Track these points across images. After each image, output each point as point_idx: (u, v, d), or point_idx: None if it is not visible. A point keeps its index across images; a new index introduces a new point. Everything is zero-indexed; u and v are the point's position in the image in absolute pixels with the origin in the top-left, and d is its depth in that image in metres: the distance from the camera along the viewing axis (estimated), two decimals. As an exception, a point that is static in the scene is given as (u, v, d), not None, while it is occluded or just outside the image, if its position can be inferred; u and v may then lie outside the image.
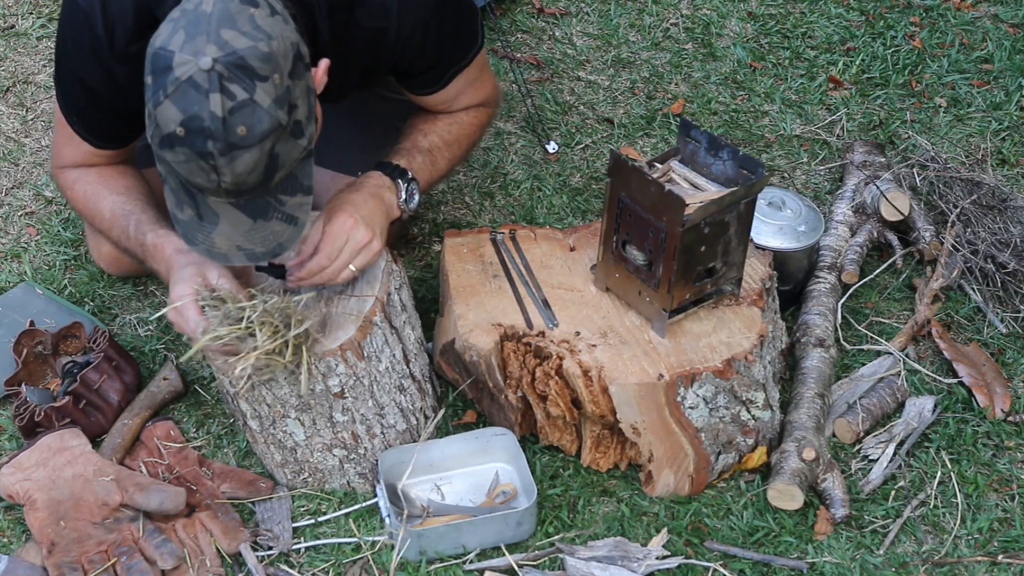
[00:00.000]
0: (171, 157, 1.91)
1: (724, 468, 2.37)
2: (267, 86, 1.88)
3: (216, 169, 1.89)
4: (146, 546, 2.15)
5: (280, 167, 1.95)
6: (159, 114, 1.88)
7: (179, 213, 2.02)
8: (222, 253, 2.02)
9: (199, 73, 1.85)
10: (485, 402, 2.45)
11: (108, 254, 2.64)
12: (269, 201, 1.99)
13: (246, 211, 1.98)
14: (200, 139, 1.86)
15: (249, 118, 1.87)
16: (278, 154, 1.93)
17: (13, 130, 3.13)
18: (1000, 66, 3.48)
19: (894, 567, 2.26)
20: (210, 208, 1.98)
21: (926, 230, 2.80)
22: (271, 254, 2.04)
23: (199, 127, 1.86)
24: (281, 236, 2.03)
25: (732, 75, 3.42)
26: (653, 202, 2.17)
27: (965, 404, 2.54)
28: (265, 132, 1.89)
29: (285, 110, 1.91)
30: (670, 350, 2.25)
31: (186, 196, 1.99)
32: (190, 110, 1.85)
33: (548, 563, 2.22)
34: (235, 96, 1.86)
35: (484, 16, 3.51)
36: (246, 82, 1.87)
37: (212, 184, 1.92)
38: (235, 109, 1.86)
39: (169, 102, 1.86)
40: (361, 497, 2.33)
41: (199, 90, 1.85)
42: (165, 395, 2.46)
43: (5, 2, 3.51)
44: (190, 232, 2.02)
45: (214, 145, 1.86)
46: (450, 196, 3.01)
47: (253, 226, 2.00)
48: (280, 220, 2.01)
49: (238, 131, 1.86)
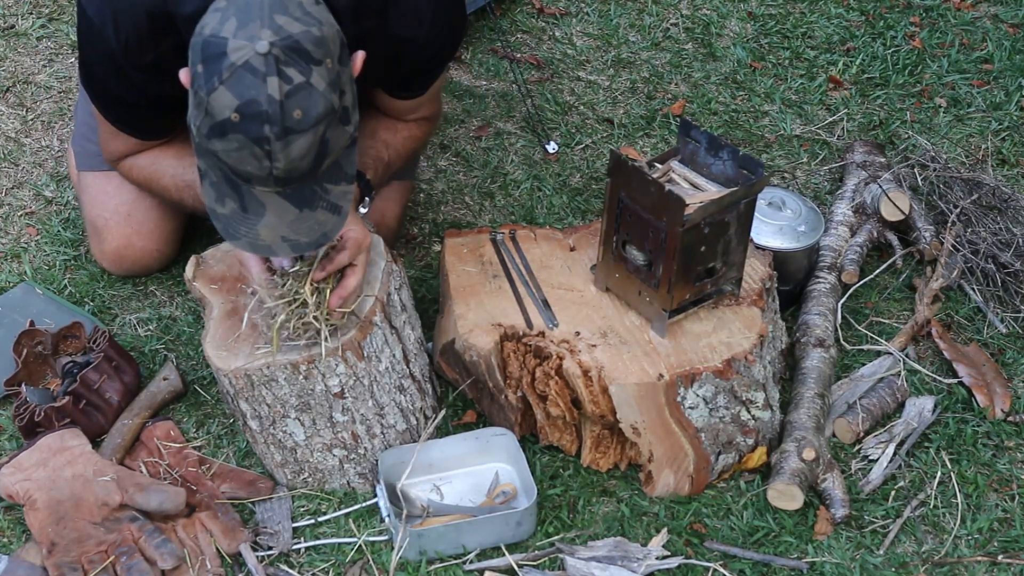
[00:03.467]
0: (221, 146, 1.89)
1: (724, 468, 2.37)
2: (321, 70, 1.88)
3: (270, 155, 1.87)
4: (146, 546, 2.15)
5: (329, 153, 1.94)
6: (212, 101, 1.86)
7: (219, 208, 2.00)
8: (266, 245, 2.01)
9: (256, 57, 1.84)
10: (485, 402, 2.45)
11: (110, 253, 2.64)
12: (315, 190, 1.98)
13: (292, 201, 1.97)
14: (256, 124, 1.85)
15: (305, 101, 1.86)
16: (328, 140, 1.92)
17: (13, 130, 3.13)
18: (1000, 66, 3.48)
19: (894, 567, 2.26)
20: (256, 199, 1.96)
21: (926, 230, 2.80)
22: (315, 244, 2.02)
23: (256, 111, 1.84)
24: (325, 225, 2.01)
25: (732, 75, 3.43)
26: (653, 202, 2.17)
27: (965, 404, 2.54)
28: (320, 116, 1.88)
29: (337, 94, 1.91)
30: (670, 350, 2.25)
31: (230, 189, 1.97)
32: (247, 95, 1.84)
33: (548, 563, 2.22)
34: (292, 80, 1.85)
35: (484, 16, 3.51)
36: (302, 65, 1.86)
37: (263, 172, 1.90)
38: (292, 92, 1.85)
39: (224, 88, 1.85)
40: (361, 497, 2.33)
41: (256, 74, 1.84)
42: (165, 395, 2.46)
43: (5, 2, 3.51)
44: (231, 226, 2.00)
45: (270, 129, 1.85)
46: (450, 196, 3.01)
47: (299, 216, 1.98)
48: (325, 209, 2.00)
49: (294, 115, 1.86)
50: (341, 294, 2.15)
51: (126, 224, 2.61)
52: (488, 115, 3.26)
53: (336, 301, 2.15)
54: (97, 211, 2.63)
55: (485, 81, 3.37)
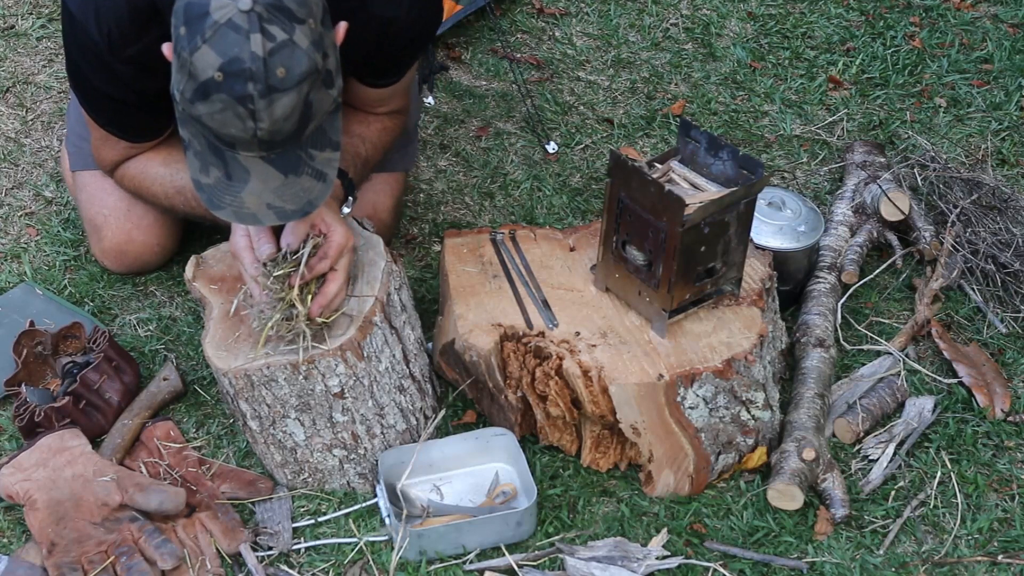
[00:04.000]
0: (205, 109, 1.89)
1: (724, 468, 2.37)
2: (304, 28, 1.88)
3: (254, 115, 1.87)
4: (146, 546, 2.15)
5: (313, 116, 1.94)
6: (196, 61, 1.86)
7: (203, 177, 2.00)
8: (251, 213, 2.00)
9: (239, 15, 1.84)
10: (485, 402, 2.45)
11: (110, 250, 2.65)
12: (300, 155, 1.98)
13: (277, 166, 1.97)
14: (240, 82, 1.85)
15: (288, 59, 1.86)
16: (312, 102, 1.92)
17: (13, 130, 3.13)
18: (1000, 66, 3.48)
19: (894, 567, 2.26)
20: (240, 164, 1.96)
21: (926, 230, 2.80)
22: (301, 212, 2.02)
23: (239, 69, 1.84)
24: (311, 192, 2.01)
25: (732, 75, 3.43)
26: (653, 202, 2.17)
27: (965, 404, 2.54)
28: (303, 74, 1.88)
29: (320, 55, 1.91)
30: (670, 350, 2.25)
31: (214, 156, 1.97)
32: (230, 52, 1.84)
33: (548, 563, 2.22)
34: (275, 37, 1.85)
35: (484, 16, 3.51)
36: (285, 23, 1.86)
37: (247, 133, 1.90)
38: (275, 50, 1.85)
39: (207, 47, 1.85)
40: (361, 497, 2.33)
41: (239, 31, 1.84)
42: (165, 395, 2.46)
43: (5, 2, 3.52)
44: (216, 195, 2.00)
45: (254, 87, 1.85)
46: (450, 196, 3.01)
47: (284, 182, 1.98)
48: (310, 176, 2.00)
49: (278, 72, 1.86)
50: (321, 302, 2.16)
51: (125, 220, 2.61)
52: (488, 115, 3.26)
53: (316, 309, 2.15)
54: (96, 209, 2.63)
55: (485, 81, 3.37)
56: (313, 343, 2.16)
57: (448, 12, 3.31)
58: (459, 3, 3.37)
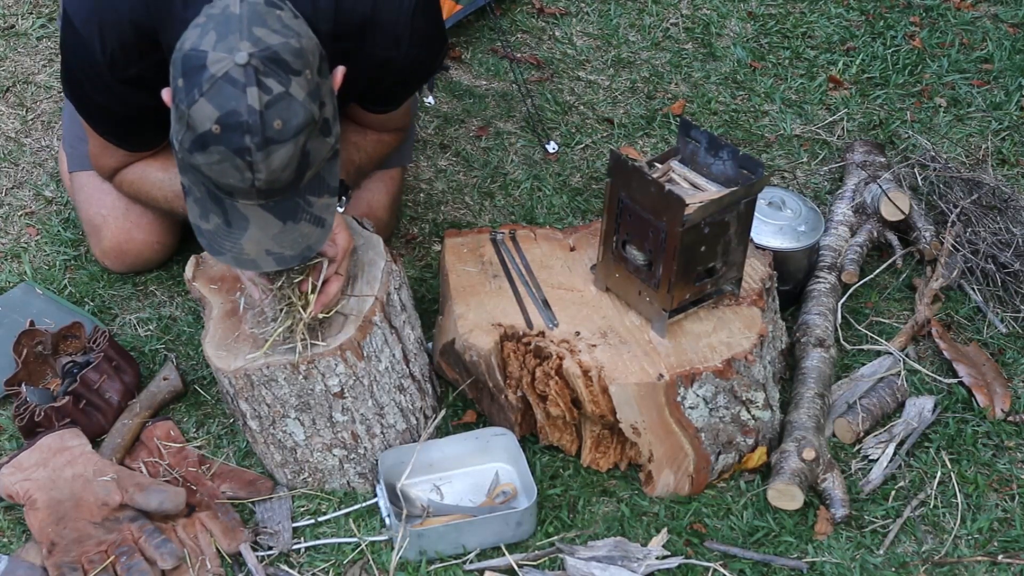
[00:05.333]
0: (203, 160, 1.90)
1: (724, 468, 2.37)
2: (300, 80, 1.89)
3: (252, 166, 1.88)
4: (146, 546, 2.15)
5: (311, 165, 1.95)
6: (193, 114, 1.87)
7: (203, 224, 2.01)
8: (251, 259, 2.02)
9: (235, 68, 1.85)
10: (485, 402, 2.45)
11: (110, 249, 2.65)
12: (298, 202, 1.99)
13: (276, 213, 1.98)
14: (237, 135, 1.86)
15: (285, 112, 1.87)
16: (309, 151, 1.93)
17: (13, 130, 3.13)
18: (1000, 66, 3.48)
19: (894, 567, 2.26)
20: (239, 212, 1.98)
21: (926, 230, 2.80)
22: (300, 257, 2.04)
23: (236, 122, 1.85)
24: (310, 238, 2.03)
25: (732, 75, 3.43)
26: (653, 202, 2.17)
27: (965, 404, 2.54)
28: (300, 126, 1.89)
29: (317, 105, 1.92)
30: (670, 350, 2.25)
31: (213, 204, 1.98)
32: (227, 106, 1.85)
33: (548, 563, 2.22)
34: (271, 90, 1.86)
35: (484, 16, 3.51)
36: (281, 76, 1.87)
37: (246, 184, 1.91)
38: (272, 103, 1.86)
39: (204, 100, 1.86)
40: (361, 497, 2.33)
41: (236, 85, 1.85)
42: (165, 395, 2.47)
43: (5, 2, 3.51)
44: (216, 242, 2.02)
45: (251, 140, 1.86)
46: (450, 196, 3.01)
47: (283, 228, 2.00)
48: (308, 222, 2.02)
49: (275, 125, 1.87)
50: (323, 301, 2.18)
51: (124, 219, 2.62)
52: (488, 115, 3.26)
53: (319, 309, 2.17)
54: (95, 209, 2.63)
55: (485, 81, 3.37)
56: (312, 342, 2.16)
57: (448, 12, 3.31)
58: (459, 3, 3.37)
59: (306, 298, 2.16)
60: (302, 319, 2.15)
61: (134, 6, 2.14)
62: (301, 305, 2.16)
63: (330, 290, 2.18)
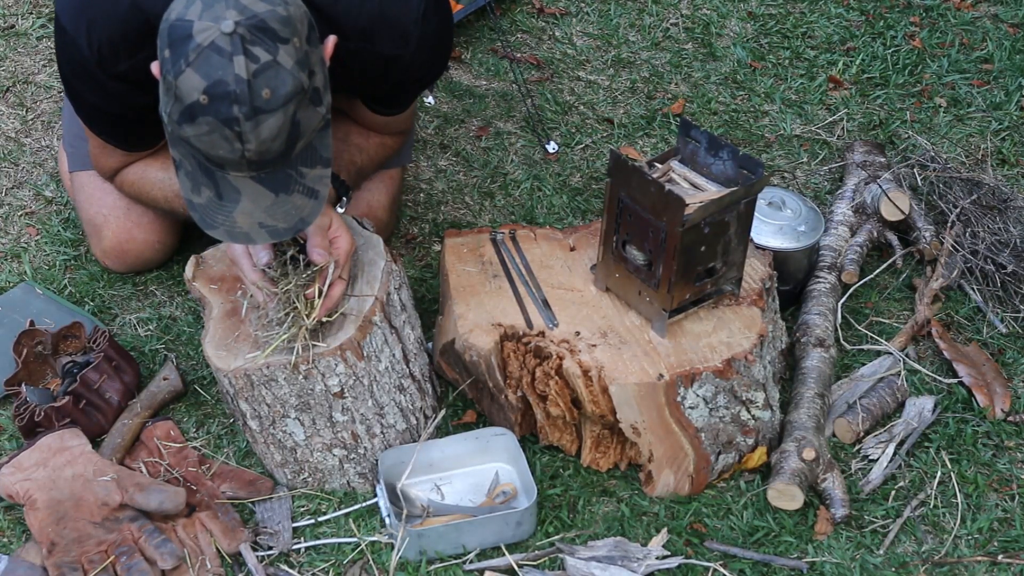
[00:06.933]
0: (192, 131, 1.88)
1: (724, 468, 2.37)
2: (288, 48, 1.88)
3: (241, 136, 1.87)
4: (146, 546, 2.15)
5: (302, 135, 1.94)
6: (180, 84, 1.86)
7: (195, 197, 2.00)
8: (243, 232, 2.00)
9: (221, 37, 1.84)
10: (485, 402, 2.45)
11: (111, 249, 2.65)
12: (290, 174, 1.98)
13: (268, 185, 1.97)
14: (225, 104, 1.85)
15: (273, 80, 1.86)
16: (300, 121, 1.92)
17: (13, 130, 3.13)
18: (1000, 66, 3.48)
19: (894, 567, 2.26)
20: (231, 184, 1.96)
21: (926, 230, 2.80)
22: (293, 230, 2.02)
23: (224, 92, 1.84)
24: (303, 210, 2.01)
25: (732, 75, 3.43)
26: (653, 202, 2.17)
27: (965, 404, 2.54)
28: (288, 95, 1.88)
29: (306, 73, 1.91)
30: (670, 350, 2.25)
31: (204, 176, 1.97)
32: (214, 75, 1.84)
33: (548, 563, 2.22)
34: (258, 58, 1.85)
35: (484, 16, 3.51)
36: (268, 44, 1.86)
37: (235, 155, 1.90)
38: (259, 71, 1.85)
39: (191, 70, 1.84)
40: (361, 497, 2.33)
41: (222, 54, 1.84)
42: (165, 395, 2.47)
43: (5, 2, 3.51)
44: (208, 215, 2.00)
45: (239, 109, 1.85)
46: (450, 196, 3.01)
47: (275, 200, 1.98)
48: (301, 193, 2.00)
49: (263, 94, 1.85)
50: (328, 304, 2.17)
51: (125, 218, 2.62)
52: (488, 115, 3.26)
53: (323, 312, 2.17)
54: (95, 209, 2.63)
55: (485, 81, 3.37)
56: (312, 343, 2.16)
57: (448, 12, 3.31)
58: (459, 3, 3.37)
59: (311, 305, 2.15)
60: (305, 326, 2.15)
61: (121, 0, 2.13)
62: (306, 314, 2.15)
63: (334, 294, 2.18)
